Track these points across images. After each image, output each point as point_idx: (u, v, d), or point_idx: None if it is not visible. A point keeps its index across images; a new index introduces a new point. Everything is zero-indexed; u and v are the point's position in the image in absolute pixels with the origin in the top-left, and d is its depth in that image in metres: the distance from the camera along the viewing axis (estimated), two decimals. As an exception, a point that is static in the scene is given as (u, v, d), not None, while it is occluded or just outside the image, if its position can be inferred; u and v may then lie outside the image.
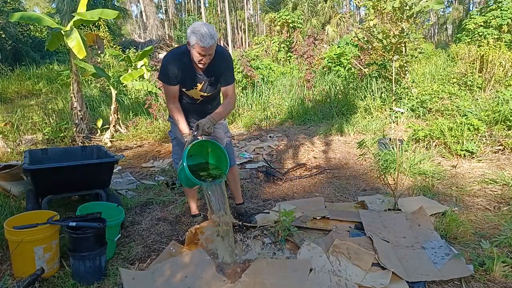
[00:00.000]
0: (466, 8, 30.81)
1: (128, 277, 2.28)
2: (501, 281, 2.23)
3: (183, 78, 2.65)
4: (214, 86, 2.75)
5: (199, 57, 2.49)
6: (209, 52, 2.47)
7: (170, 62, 2.62)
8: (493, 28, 11.07)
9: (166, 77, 2.64)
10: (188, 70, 2.62)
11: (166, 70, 2.62)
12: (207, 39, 2.39)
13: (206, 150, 2.75)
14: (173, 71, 2.61)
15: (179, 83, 2.67)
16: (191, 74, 2.64)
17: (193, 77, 2.66)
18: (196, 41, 2.40)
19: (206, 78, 2.68)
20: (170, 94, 2.71)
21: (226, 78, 2.72)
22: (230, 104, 2.80)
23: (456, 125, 4.80)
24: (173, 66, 2.60)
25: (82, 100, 6.54)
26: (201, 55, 2.48)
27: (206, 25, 2.45)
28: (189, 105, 2.81)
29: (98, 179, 3.19)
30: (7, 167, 3.75)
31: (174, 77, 2.63)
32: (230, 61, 2.75)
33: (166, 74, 2.63)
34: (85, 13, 5.81)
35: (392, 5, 6.62)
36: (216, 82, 2.73)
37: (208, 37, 2.39)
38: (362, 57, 8.98)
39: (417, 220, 2.96)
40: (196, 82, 2.68)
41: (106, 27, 18.23)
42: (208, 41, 2.40)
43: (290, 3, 23.80)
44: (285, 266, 2.36)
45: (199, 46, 2.42)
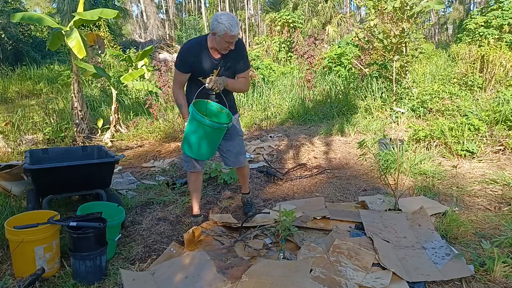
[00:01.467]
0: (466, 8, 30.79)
1: (128, 278, 2.28)
2: (502, 281, 2.23)
3: (199, 65, 2.80)
4: (230, 73, 2.90)
5: (226, 44, 2.67)
6: (235, 39, 2.69)
7: (187, 50, 2.82)
8: (493, 28, 11.06)
9: (181, 64, 2.81)
10: (205, 58, 2.79)
11: (182, 57, 2.80)
12: (235, 28, 2.62)
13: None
14: (189, 59, 2.78)
15: (194, 71, 2.82)
16: (208, 61, 2.80)
17: (210, 64, 2.80)
18: (225, 30, 2.59)
19: (222, 65, 2.83)
20: (178, 80, 2.89)
21: (241, 64, 2.91)
22: (244, 83, 2.98)
23: (457, 125, 4.80)
24: (190, 55, 2.78)
25: (82, 100, 6.54)
26: (229, 43, 2.67)
27: (230, 15, 2.67)
28: (205, 95, 2.90)
29: (99, 179, 3.19)
30: (7, 167, 3.75)
31: (188, 65, 2.80)
32: (245, 48, 2.93)
33: (182, 61, 2.81)
34: (85, 13, 5.82)
35: (393, 5, 6.62)
36: (232, 68, 2.89)
37: (235, 26, 2.62)
38: (362, 57, 8.98)
39: (417, 220, 2.95)
40: (212, 69, 2.81)
41: (106, 27, 18.24)
42: (236, 29, 2.63)
43: (291, 3, 23.79)
44: (285, 267, 2.35)
45: (228, 35, 2.61)
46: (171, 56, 18.76)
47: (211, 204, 3.64)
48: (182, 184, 4.07)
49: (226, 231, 3.01)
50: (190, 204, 3.57)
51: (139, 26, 36.17)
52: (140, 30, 34.70)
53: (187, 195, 3.80)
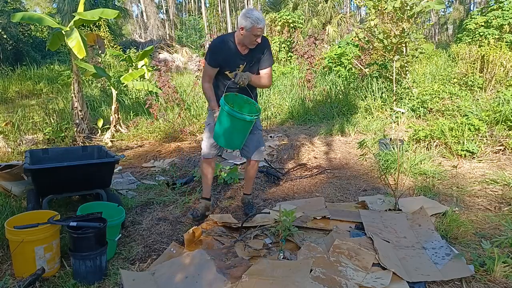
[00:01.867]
0: (467, 8, 30.79)
1: (128, 278, 2.28)
2: (502, 281, 2.22)
3: (227, 60, 2.99)
4: (254, 68, 3.09)
5: (253, 38, 2.85)
6: (262, 33, 2.87)
7: (217, 45, 3.02)
8: (494, 28, 11.06)
9: (211, 60, 3.01)
10: (232, 53, 2.98)
11: (212, 51, 3.01)
12: (262, 21, 2.81)
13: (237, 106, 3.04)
14: (218, 54, 2.98)
15: (223, 66, 3.01)
16: (235, 56, 2.99)
17: (236, 59, 3.00)
18: (253, 23, 2.79)
19: (248, 60, 3.02)
20: (207, 74, 3.08)
21: (266, 60, 3.09)
22: (267, 78, 3.14)
23: (457, 125, 4.80)
24: (219, 49, 2.99)
25: (82, 100, 6.54)
26: (257, 36, 2.84)
27: (255, 10, 2.91)
28: (231, 89, 3.07)
29: (99, 179, 3.19)
30: (8, 167, 3.75)
31: (217, 61, 2.99)
32: (269, 45, 3.10)
33: (212, 55, 3.00)
34: (85, 13, 5.81)
35: (393, 5, 6.62)
36: (256, 64, 3.07)
37: (261, 19, 2.82)
38: (362, 57, 8.98)
39: (417, 220, 2.95)
40: (239, 64, 3.01)
41: (106, 27, 18.24)
42: (262, 22, 2.82)
43: (291, 3, 23.79)
44: (285, 267, 2.35)
45: (256, 28, 2.79)
46: (171, 56, 18.78)
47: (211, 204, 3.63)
48: (182, 184, 4.07)
49: (226, 231, 3.01)
50: (190, 204, 3.58)
51: (139, 26, 36.18)
52: (140, 30, 34.71)
53: (187, 195, 3.81)
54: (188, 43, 26.45)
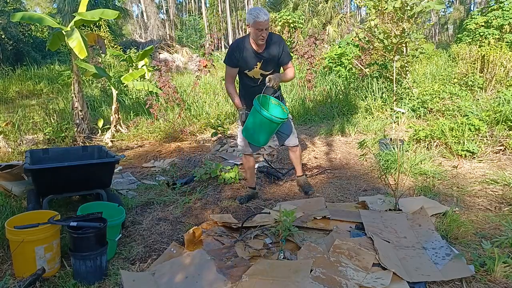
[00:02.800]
0: (467, 8, 30.79)
1: (128, 279, 2.28)
2: (502, 281, 2.22)
3: (244, 59, 3.20)
4: (272, 65, 3.27)
5: (258, 33, 3.03)
6: (265, 27, 3.01)
7: (234, 47, 3.24)
8: (494, 28, 11.06)
9: (229, 60, 3.26)
10: (248, 52, 3.19)
11: (230, 54, 3.25)
12: (262, 15, 2.98)
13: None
14: (235, 55, 3.21)
15: (241, 65, 3.24)
16: (251, 55, 3.19)
17: (253, 57, 3.20)
18: (254, 18, 2.98)
19: (264, 57, 3.20)
20: (229, 75, 3.33)
21: (283, 57, 3.26)
22: (291, 72, 3.35)
23: (457, 125, 4.79)
24: (236, 51, 3.20)
25: (83, 100, 6.54)
26: (259, 30, 3.01)
27: (259, 7, 3.13)
28: (252, 88, 3.32)
29: (99, 179, 3.19)
30: (8, 167, 3.76)
31: (235, 61, 3.22)
32: (283, 41, 3.28)
33: (229, 57, 3.25)
34: (86, 13, 5.82)
35: (393, 5, 6.62)
36: (273, 60, 3.25)
37: (262, 13, 2.99)
38: (363, 57, 8.97)
39: (418, 220, 2.95)
40: (256, 61, 3.22)
41: (107, 27, 18.24)
42: (263, 16, 2.98)
43: (291, 3, 23.81)
44: (286, 267, 2.35)
45: (257, 22, 2.97)
46: (171, 56, 18.78)
47: (211, 204, 3.64)
48: (183, 184, 4.07)
49: (226, 231, 3.01)
50: (190, 205, 3.58)
51: (140, 26, 36.19)
52: (140, 30, 34.72)
53: (187, 195, 3.81)
54: (188, 43, 26.47)
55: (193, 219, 3.29)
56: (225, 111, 7.65)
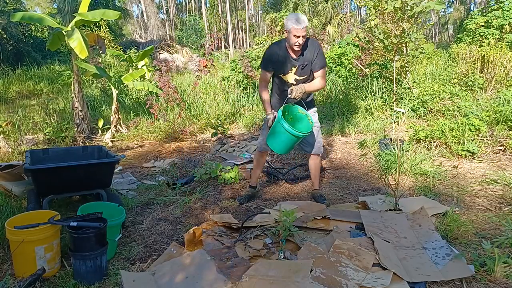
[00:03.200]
0: (467, 8, 30.78)
1: (128, 279, 2.27)
2: (502, 281, 2.22)
3: (280, 63, 3.22)
4: (306, 71, 3.25)
5: (295, 40, 3.02)
6: (302, 33, 3.00)
7: (270, 51, 3.26)
8: (494, 28, 11.04)
9: (265, 64, 3.30)
10: (284, 56, 3.20)
11: (266, 58, 3.29)
12: (301, 22, 2.97)
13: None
14: (271, 58, 3.24)
15: (276, 69, 3.27)
16: (287, 60, 3.21)
17: (288, 62, 3.21)
18: (292, 24, 2.98)
19: (299, 63, 3.20)
20: (262, 78, 3.36)
21: (317, 62, 3.21)
22: (320, 82, 3.26)
23: (457, 125, 4.79)
24: (272, 55, 3.23)
25: (83, 100, 6.54)
26: (296, 37, 3.00)
27: (299, 13, 3.10)
28: (284, 91, 3.27)
29: (99, 179, 3.19)
30: (8, 167, 3.75)
31: (271, 65, 3.26)
32: (320, 47, 3.26)
33: (265, 61, 3.29)
34: (86, 14, 5.82)
35: (393, 5, 6.61)
36: (308, 66, 3.23)
37: (301, 20, 2.98)
38: (363, 57, 8.96)
39: (418, 221, 2.95)
40: (291, 66, 3.22)
41: (107, 27, 18.23)
42: (301, 23, 2.97)
43: (291, 3, 23.82)
44: (286, 267, 2.35)
45: (294, 28, 2.97)
46: (171, 56, 18.78)
47: (212, 204, 3.64)
48: (183, 184, 4.07)
49: (227, 231, 3.01)
50: (190, 205, 3.58)
51: (140, 26, 36.20)
52: (140, 30, 34.73)
53: (187, 195, 3.81)
54: (188, 43, 26.49)
55: (193, 219, 3.29)
56: (225, 111, 7.66)
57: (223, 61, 20.53)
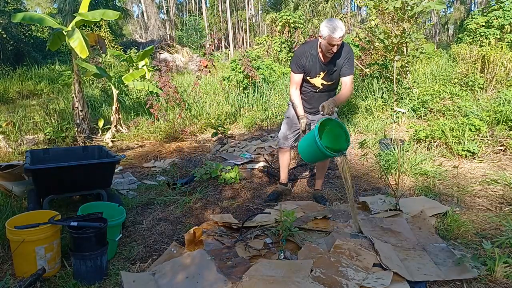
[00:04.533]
0: (467, 8, 30.77)
1: (128, 280, 2.27)
2: (503, 281, 2.22)
3: (309, 66, 3.14)
4: (334, 76, 3.18)
5: (329, 47, 2.93)
6: (338, 42, 2.89)
7: (300, 53, 3.17)
8: (495, 28, 11.03)
9: (295, 66, 3.20)
10: (314, 60, 3.12)
11: (296, 59, 3.19)
12: (338, 31, 2.84)
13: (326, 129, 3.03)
14: (301, 61, 3.15)
15: (305, 71, 3.18)
16: (316, 64, 3.13)
17: (318, 66, 3.13)
18: (329, 33, 2.86)
19: (328, 68, 3.13)
20: (293, 81, 3.26)
21: (346, 69, 3.11)
22: (348, 92, 3.16)
23: (458, 125, 4.79)
24: (302, 57, 3.14)
25: (83, 100, 6.54)
26: (331, 45, 2.91)
27: (337, 20, 2.91)
28: (311, 93, 3.27)
29: (100, 179, 3.19)
30: (8, 167, 3.76)
31: (301, 67, 3.17)
32: (352, 54, 3.14)
33: (295, 63, 3.20)
34: (86, 14, 5.82)
35: (394, 5, 6.61)
36: (337, 72, 3.15)
37: (339, 30, 2.84)
38: (363, 57, 8.96)
39: (418, 224, 2.95)
40: (320, 71, 3.15)
41: (107, 27, 18.24)
42: (338, 33, 2.84)
43: (292, 3, 23.82)
44: (286, 267, 2.35)
45: (331, 37, 2.85)
46: (171, 56, 18.78)
47: (212, 204, 3.64)
48: (183, 184, 4.07)
49: (227, 231, 3.01)
50: (190, 205, 3.58)
51: (140, 26, 36.20)
52: (141, 30, 34.73)
53: (187, 195, 3.81)
54: (188, 43, 26.48)
55: (193, 219, 3.29)
56: (225, 111, 7.66)
57: (223, 61, 20.54)
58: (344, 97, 3.16)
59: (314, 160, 3.14)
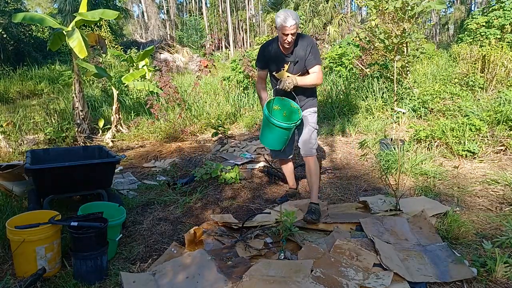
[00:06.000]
0: (468, 8, 30.76)
1: (128, 280, 2.27)
2: (503, 282, 2.22)
3: (271, 60, 3.18)
4: (299, 67, 3.16)
5: (284, 37, 2.93)
6: (292, 31, 2.89)
7: (262, 48, 3.24)
8: (495, 28, 11.03)
9: (258, 62, 3.31)
10: (275, 54, 3.15)
11: (258, 55, 3.29)
12: (289, 20, 2.85)
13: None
14: (263, 57, 3.23)
15: (269, 67, 3.24)
16: (278, 57, 3.15)
17: (280, 60, 3.15)
18: (281, 22, 2.88)
19: (291, 60, 3.12)
20: (259, 76, 3.41)
21: (311, 59, 3.10)
22: (314, 76, 3.12)
23: (458, 125, 4.79)
24: (264, 51, 3.21)
25: (83, 100, 6.54)
26: (285, 35, 2.91)
27: (290, 11, 2.96)
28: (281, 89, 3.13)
29: (100, 179, 3.19)
30: (9, 167, 3.76)
31: (264, 62, 3.25)
32: (313, 44, 3.13)
33: (258, 59, 3.30)
34: (86, 14, 5.83)
35: (394, 5, 6.61)
36: (301, 63, 3.13)
37: (290, 18, 2.86)
38: (363, 57, 8.96)
39: (418, 223, 2.94)
40: (283, 63, 3.16)
41: (107, 27, 18.25)
42: (290, 21, 2.85)
43: (292, 3, 23.82)
44: (286, 267, 2.35)
45: (283, 26, 2.87)
46: (172, 56, 18.79)
47: (212, 204, 3.64)
48: (183, 184, 4.07)
49: (227, 231, 3.01)
50: (190, 205, 3.59)
51: (140, 26, 36.21)
52: (141, 30, 34.74)
53: (187, 195, 3.81)
54: (189, 43, 26.49)
55: (193, 219, 3.29)
56: (225, 111, 7.66)
57: (223, 61, 20.54)
58: (309, 80, 3.12)
59: (278, 141, 3.15)
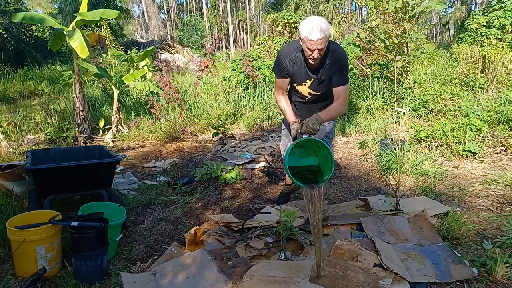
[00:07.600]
0: (468, 9, 30.73)
1: (129, 281, 2.27)
2: (504, 282, 2.22)
3: (294, 71, 2.65)
4: (324, 86, 2.67)
5: (308, 52, 2.44)
6: (318, 46, 2.39)
7: (283, 55, 2.65)
8: (496, 28, 11.04)
9: (277, 69, 2.69)
10: (299, 64, 2.61)
11: (278, 62, 2.67)
12: (315, 32, 2.33)
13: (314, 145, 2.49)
14: (284, 64, 2.64)
15: (290, 77, 2.69)
16: (302, 69, 2.62)
17: (303, 72, 2.63)
18: (305, 34, 2.37)
19: (316, 76, 2.62)
20: (278, 85, 2.77)
21: (337, 78, 2.60)
22: (340, 106, 2.63)
23: (458, 125, 4.79)
24: (286, 59, 2.63)
25: (84, 100, 6.55)
26: (310, 50, 2.41)
27: (318, 19, 2.40)
28: (299, 102, 2.83)
29: (100, 179, 3.19)
30: (9, 167, 3.76)
31: (284, 70, 2.66)
32: (344, 61, 2.61)
33: (277, 66, 2.68)
34: (86, 13, 5.83)
35: (394, 5, 6.61)
36: (327, 81, 2.64)
37: (317, 30, 2.33)
38: (364, 58, 8.97)
39: (419, 223, 2.94)
40: (306, 79, 2.65)
41: (108, 27, 18.26)
42: (316, 34, 2.33)
43: (292, 4, 23.83)
44: (286, 267, 2.35)
45: (308, 39, 2.37)
46: (172, 56, 18.80)
47: (212, 204, 3.64)
48: (183, 184, 4.07)
49: (228, 231, 3.01)
50: (191, 205, 3.59)
51: (141, 26, 36.22)
52: (141, 31, 34.75)
53: (188, 195, 3.81)
54: (189, 44, 26.50)
55: (194, 219, 3.29)
56: (226, 111, 7.66)
57: (224, 61, 20.54)
58: (335, 111, 2.63)
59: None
